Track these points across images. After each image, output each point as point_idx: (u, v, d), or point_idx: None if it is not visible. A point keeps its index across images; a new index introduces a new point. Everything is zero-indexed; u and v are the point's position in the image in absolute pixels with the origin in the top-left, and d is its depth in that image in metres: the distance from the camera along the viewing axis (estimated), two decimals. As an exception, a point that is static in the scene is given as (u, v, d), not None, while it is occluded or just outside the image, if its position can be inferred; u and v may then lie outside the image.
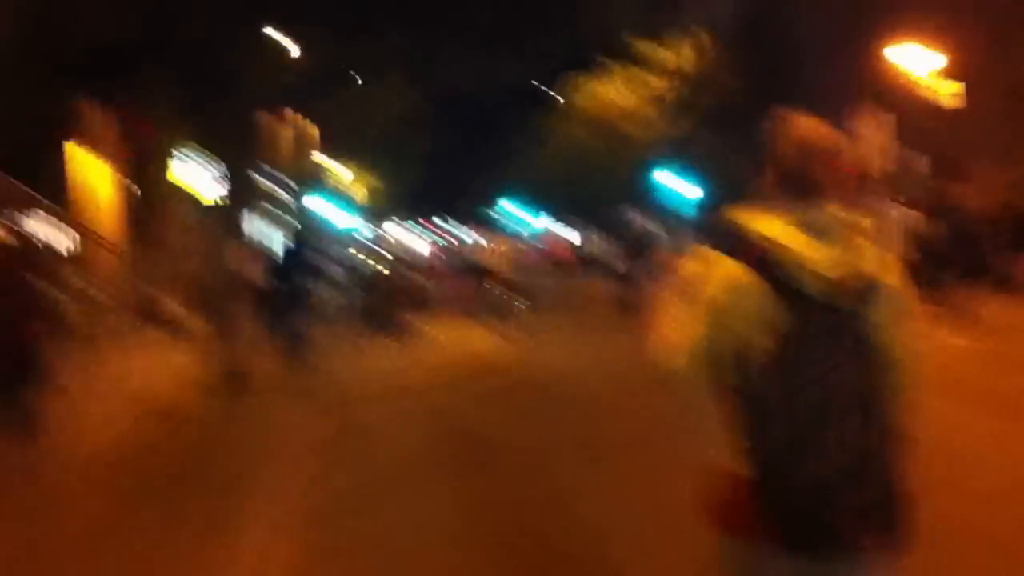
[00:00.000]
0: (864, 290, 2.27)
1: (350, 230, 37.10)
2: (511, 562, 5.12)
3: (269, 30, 24.81)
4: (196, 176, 23.55)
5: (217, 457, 7.84)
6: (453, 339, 15.70)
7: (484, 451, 7.81)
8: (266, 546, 5.52)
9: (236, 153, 23.78)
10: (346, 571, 5.21)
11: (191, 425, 9.25)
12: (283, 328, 13.12)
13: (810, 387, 2.16)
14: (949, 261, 14.97)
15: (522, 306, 17.41)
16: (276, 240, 32.93)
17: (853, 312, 2.24)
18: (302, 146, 17.15)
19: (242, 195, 25.43)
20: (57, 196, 20.63)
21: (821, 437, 2.14)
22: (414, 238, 58.78)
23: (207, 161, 24.21)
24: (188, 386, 11.03)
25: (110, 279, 18.85)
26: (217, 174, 23.23)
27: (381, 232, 54.32)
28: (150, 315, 18.21)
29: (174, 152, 21.99)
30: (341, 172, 32.67)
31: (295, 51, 25.71)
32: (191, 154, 22.26)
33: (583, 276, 33.18)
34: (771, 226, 2.29)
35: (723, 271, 2.31)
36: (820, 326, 2.19)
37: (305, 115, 25.58)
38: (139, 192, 21.76)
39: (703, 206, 31.21)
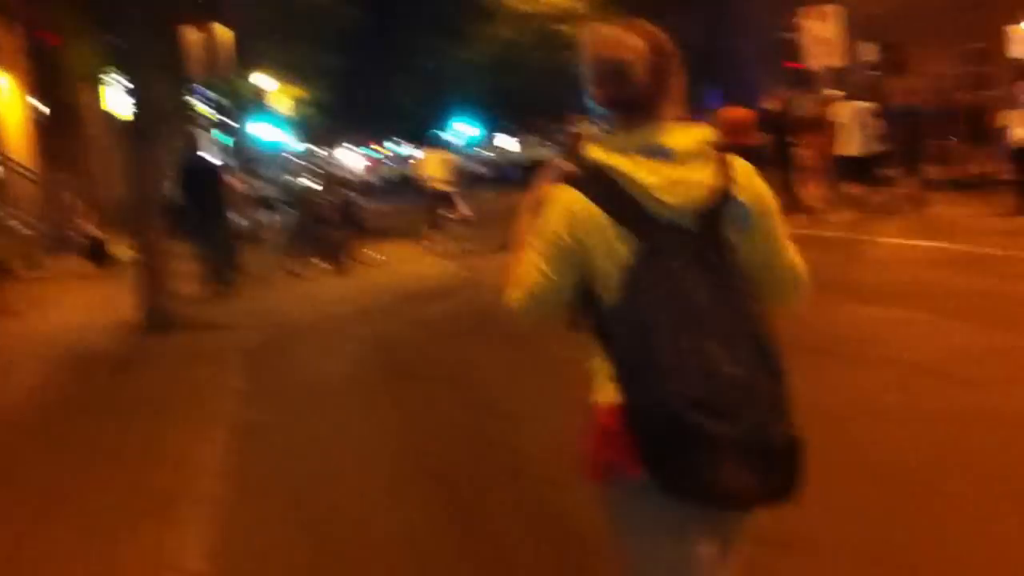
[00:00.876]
0: (712, 208, 2.12)
1: (278, 146, 35.88)
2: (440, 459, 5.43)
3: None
4: (112, 96, 22.33)
5: (136, 402, 7.19)
6: (393, 262, 14.98)
7: (416, 367, 7.70)
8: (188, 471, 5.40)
9: (150, 69, 22.43)
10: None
11: (107, 366, 8.50)
12: (208, 255, 12.56)
13: (662, 315, 2.02)
14: (897, 157, 14.85)
15: (462, 222, 16.65)
16: (198, 159, 31.81)
17: (703, 233, 2.11)
18: (217, 55, 15.96)
19: (158, 113, 24.15)
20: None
21: (680, 365, 1.97)
22: (358, 159, 57.61)
23: (122, 79, 22.91)
24: (108, 322, 10.25)
25: (28, 208, 17.75)
26: (132, 92, 21.96)
27: (314, 149, 52.90)
28: (72, 245, 17.27)
29: (86, 70, 20.70)
30: (263, 83, 31.21)
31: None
32: (105, 72, 20.95)
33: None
34: (605, 151, 2.15)
35: (565, 203, 2.15)
36: (668, 251, 2.07)
37: (222, 21, 24.31)
38: (50, 113, 20.45)
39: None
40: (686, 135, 2.16)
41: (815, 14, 17.87)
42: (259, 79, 30.72)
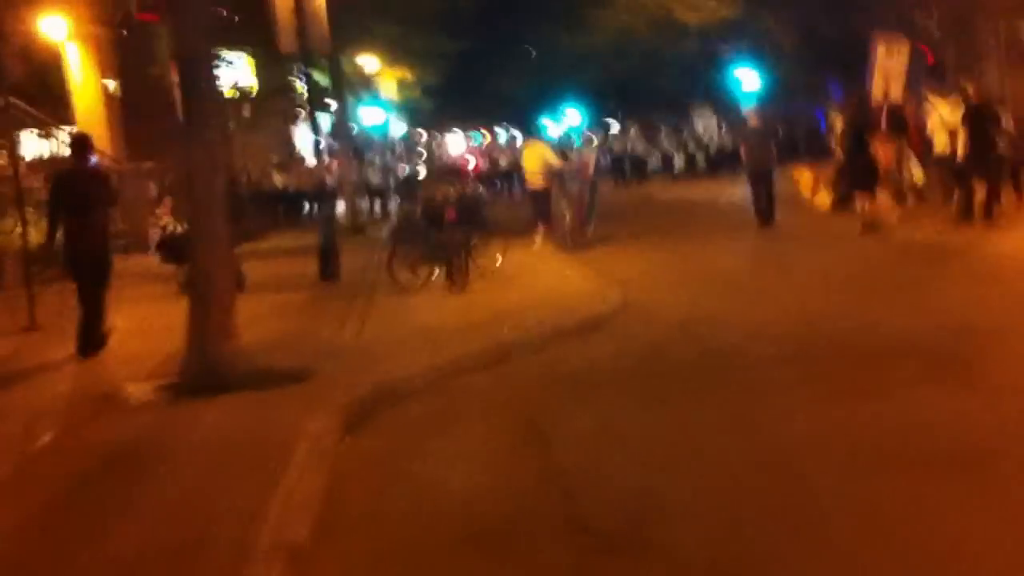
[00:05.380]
0: None
1: (383, 130, 33.55)
2: None
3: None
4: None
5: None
6: (515, 269, 12.28)
7: (612, 510, 4.62)
8: None
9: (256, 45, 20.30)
10: None
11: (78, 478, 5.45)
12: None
13: None
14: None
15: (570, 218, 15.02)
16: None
17: None
18: (311, 27, 13.66)
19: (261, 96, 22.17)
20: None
21: None
22: (468, 146, 55.13)
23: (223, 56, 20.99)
24: (142, 369, 7.82)
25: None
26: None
27: (422, 134, 50.76)
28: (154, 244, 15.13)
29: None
30: (366, 63, 28.81)
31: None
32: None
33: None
34: None
35: None
36: None
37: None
38: (133, 96, 18.45)
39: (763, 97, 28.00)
40: None
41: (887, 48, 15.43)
42: (363, 60, 28.42)
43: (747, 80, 30.57)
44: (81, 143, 9.24)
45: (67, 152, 17.30)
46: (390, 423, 6.29)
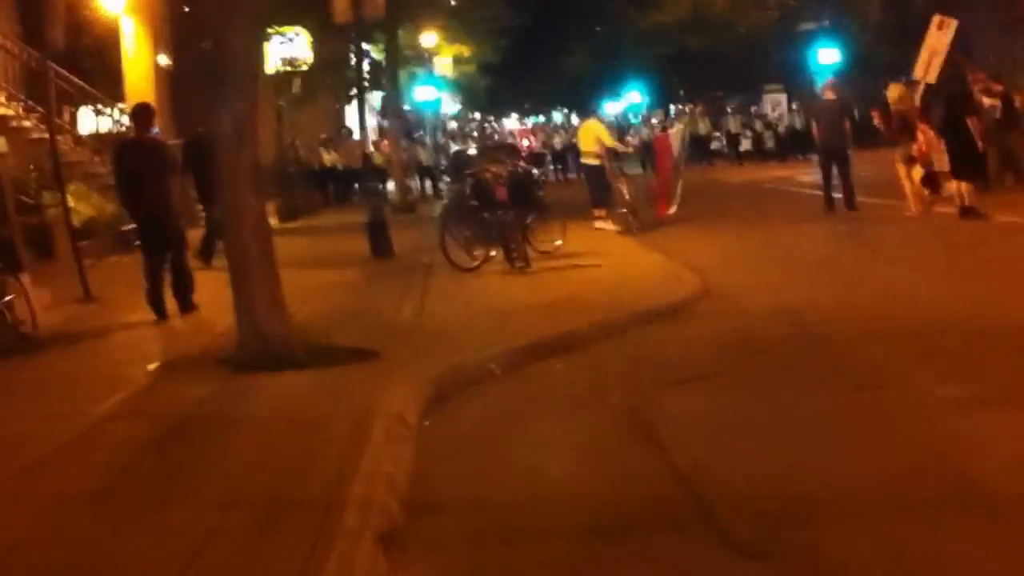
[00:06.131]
0: None
1: (436, 108, 33.03)
2: None
3: None
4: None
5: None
6: (577, 251, 11.59)
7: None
8: None
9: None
10: None
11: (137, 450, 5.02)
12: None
13: None
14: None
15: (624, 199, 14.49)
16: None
17: None
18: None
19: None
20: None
21: None
22: (525, 126, 54.59)
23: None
24: (192, 350, 7.36)
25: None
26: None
27: (478, 114, 50.13)
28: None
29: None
30: (423, 39, 28.19)
31: None
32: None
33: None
34: None
35: None
36: None
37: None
38: (187, 68, 18.07)
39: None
40: None
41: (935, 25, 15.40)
42: (420, 34, 27.82)
43: (826, 55, 29.41)
44: (143, 113, 9.29)
45: (119, 128, 17.32)
46: (471, 407, 5.75)
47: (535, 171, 14.41)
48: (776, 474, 4.24)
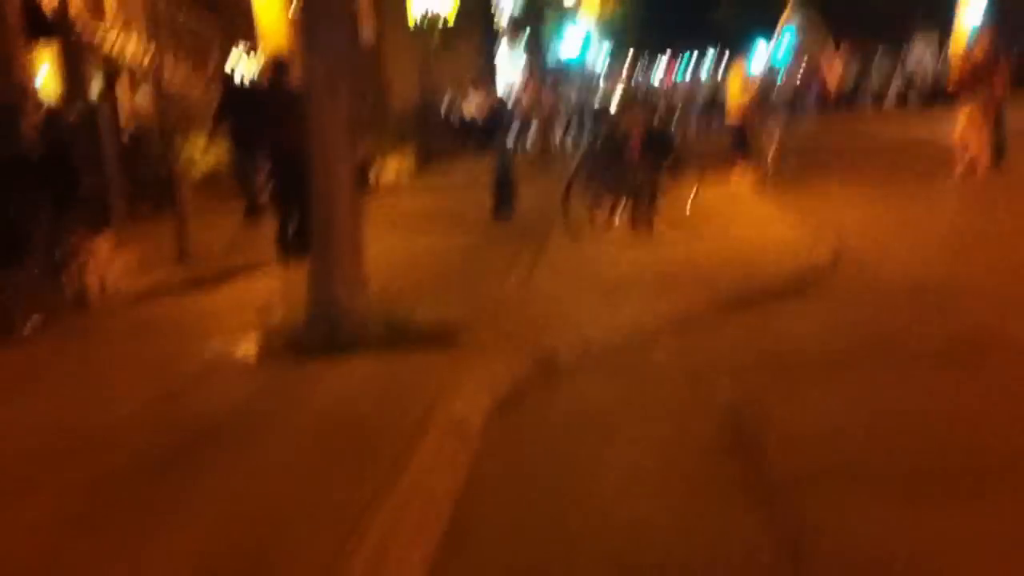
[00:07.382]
0: None
1: (581, 59, 31.83)
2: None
3: None
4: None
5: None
6: (705, 215, 10.46)
7: None
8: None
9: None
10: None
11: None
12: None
13: None
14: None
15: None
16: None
17: None
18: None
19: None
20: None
21: None
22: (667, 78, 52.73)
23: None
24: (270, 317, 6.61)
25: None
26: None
27: (621, 66, 48.60)
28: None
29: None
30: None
31: None
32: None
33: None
34: None
35: None
36: None
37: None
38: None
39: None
40: None
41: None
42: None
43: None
44: (280, 65, 9.67)
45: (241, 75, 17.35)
46: (550, 410, 4.89)
47: (677, 130, 13.77)
48: (912, 529, 3.25)
